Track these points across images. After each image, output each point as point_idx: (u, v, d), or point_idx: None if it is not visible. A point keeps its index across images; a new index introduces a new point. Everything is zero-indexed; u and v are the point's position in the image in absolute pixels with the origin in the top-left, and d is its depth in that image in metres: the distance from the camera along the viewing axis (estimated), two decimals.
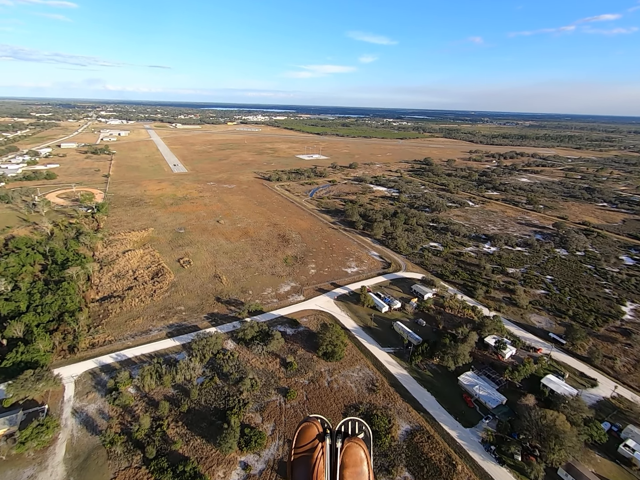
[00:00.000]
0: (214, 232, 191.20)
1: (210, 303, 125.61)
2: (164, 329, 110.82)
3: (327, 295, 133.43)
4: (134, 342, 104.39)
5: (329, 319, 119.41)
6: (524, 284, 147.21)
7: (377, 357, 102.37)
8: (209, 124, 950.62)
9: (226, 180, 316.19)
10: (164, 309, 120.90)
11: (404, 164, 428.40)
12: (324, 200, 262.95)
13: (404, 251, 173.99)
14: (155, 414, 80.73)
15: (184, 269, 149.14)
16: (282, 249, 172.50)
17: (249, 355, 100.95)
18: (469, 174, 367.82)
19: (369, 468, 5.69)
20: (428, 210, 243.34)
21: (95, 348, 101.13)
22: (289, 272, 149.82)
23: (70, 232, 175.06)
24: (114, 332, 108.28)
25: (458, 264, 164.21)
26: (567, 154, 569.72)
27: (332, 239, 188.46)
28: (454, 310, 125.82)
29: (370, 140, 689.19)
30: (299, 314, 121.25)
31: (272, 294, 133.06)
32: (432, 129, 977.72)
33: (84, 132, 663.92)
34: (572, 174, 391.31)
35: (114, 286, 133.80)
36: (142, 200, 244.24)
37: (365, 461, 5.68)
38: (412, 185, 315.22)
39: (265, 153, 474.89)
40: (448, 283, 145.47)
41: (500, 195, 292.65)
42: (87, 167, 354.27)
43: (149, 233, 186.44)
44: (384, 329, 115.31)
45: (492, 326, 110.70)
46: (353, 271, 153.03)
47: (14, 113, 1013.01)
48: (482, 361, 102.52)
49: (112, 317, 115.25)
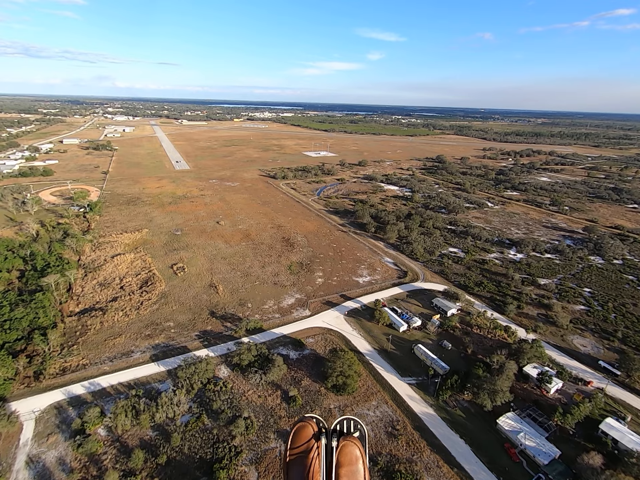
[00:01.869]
0: (213, 234, 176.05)
1: (204, 318, 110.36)
2: (148, 350, 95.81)
3: (336, 310, 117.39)
4: (112, 366, 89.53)
5: (338, 339, 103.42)
6: (560, 297, 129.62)
7: (397, 389, 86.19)
8: (215, 121, 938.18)
9: (229, 177, 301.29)
10: (150, 325, 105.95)
11: (415, 162, 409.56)
12: (332, 199, 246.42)
13: (421, 258, 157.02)
14: (126, 467, 65.61)
15: (176, 276, 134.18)
16: (287, 254, 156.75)
17: (244, 385, 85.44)
18: (485, 173, 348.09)
19: (365, 466, 5.63)
20: (444, 212, 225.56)
21: (65, 374, 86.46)
22: (294, 281, 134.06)
23: (56, 234, 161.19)
24: (90, 354, 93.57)
25: (482, 273, 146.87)
26: (586, 152, 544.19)
27: (341, 243, 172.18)
28: (483, 330, 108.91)
29: (379, 137, 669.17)
30: (304, 333, 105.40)
31: (274, 307, 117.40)
32: (442, 126, 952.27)
33: (89, 128, 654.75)
34: (595, 173, 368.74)
35: (97, 296, 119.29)
36: (139, 198, 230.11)
37: (361, 459, 5.62)
38: (425, 184, 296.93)
39: (271, 150, 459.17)
40: (473, 296, 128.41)
41: (520, 196, 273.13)
42: (87, 163, 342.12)
43: (143, 235, 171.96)
44: (404, 353, 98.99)
45: (531, 353, 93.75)
46: (365, 281, 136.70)
47: (21, 109, 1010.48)
48: (523, 398, 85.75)
49: (90, 335, 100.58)
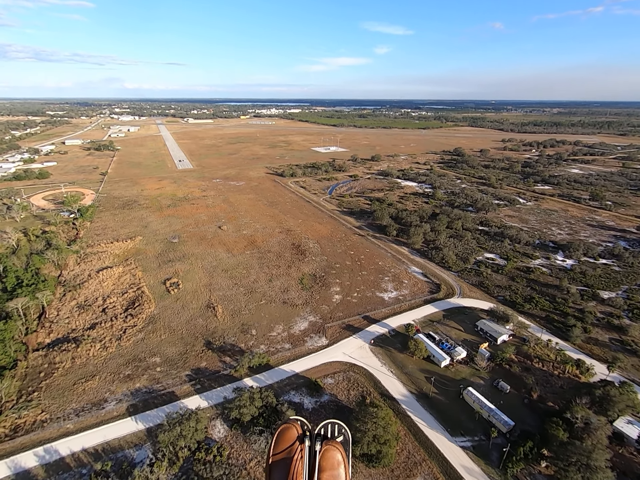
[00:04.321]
0: (214, 241, 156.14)
1: (197, 351, 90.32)
2: (126, 398, 76.10)
3: (359, 337, 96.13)
4: (78, 424, 70.01)
5: (365, 379, 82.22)
6: (632, 316, 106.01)
7: (448, 457, 64.67)
8: (222, 118, 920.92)
9: (234, 176, 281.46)
10: (132, 362, 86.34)
11: (431, 155, 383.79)
12: (346, 198, 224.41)
13: (454, 266, 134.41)
14: None
15: (169, 294, 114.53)
16: (297, 264, 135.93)
17: (246, 452, 65.00)
18: (509, 166, 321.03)
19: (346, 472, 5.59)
20: (472, 210, 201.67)
21: (16, 437, 67.24)
22: (306, 298, 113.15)
23: (39, 244, 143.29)
24: (53, 404, 74.30)
25: (530, 284, 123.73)
26: (613, 140, 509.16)
27: (360, 249, 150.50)
28: (546, 364, 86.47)
29: (391, 130, 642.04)
30: (322, 370, 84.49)
31: (283, 335, 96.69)
32: (455, 118, 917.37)
33: (94, 128, 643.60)
34: (630, 164, 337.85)
35: (73, 322, 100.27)
36: (135, 201, 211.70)
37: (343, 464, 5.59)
38: (446, 180, 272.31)
39: (279, 146, 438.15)
40: (524, 316, 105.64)
41: (553, 190, 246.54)
42: (86, 164, 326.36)
43: (136, 243, 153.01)
44: (450, 399, 77.31)
45: (623, 401, 71.21)
46: (391, 297, 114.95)
47: (30, 112, 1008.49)
48: (622, 469, 63.37)
49: (56, 377, 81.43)
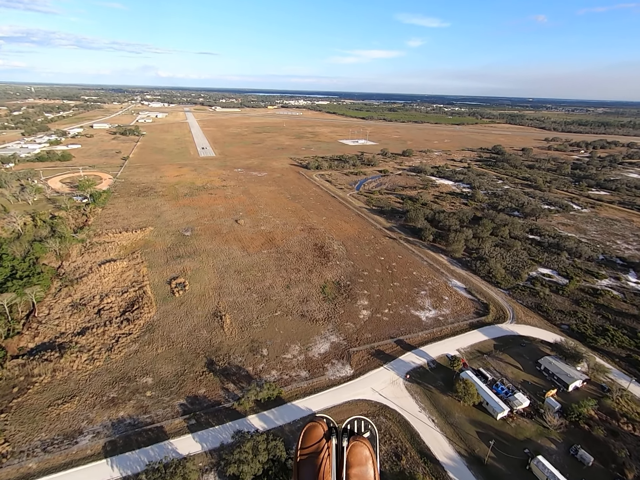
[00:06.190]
0: (229, 237, 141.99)
1: (197, 372, 75.82)
2: (105, 431, 62.39)
3: (392, 368, 78.84)
4: (42, 463, 56.78)
5: (399, 428, 65.01)
6: None
7: None
8: (249, 108, 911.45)
9: (257, 166, 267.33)
10: (119, 381, 72.81)
11: (468, 153, 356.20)
12: (375, 195, 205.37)
13: (503, 283, 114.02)
14: None
15: (173, 297, 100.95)
16: (319, 268, 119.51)
17: None
18: (557, 167, 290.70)
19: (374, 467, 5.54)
20: (519, 215, 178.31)
21: None
22: (328, 312, 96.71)
23: (44, 231, 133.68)
24: (20, 432, 61.56)
25: (599, 311, 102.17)
26: None
27: (391, 254, 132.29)
28: (637, 426, 66.40)
29: (422, 125, 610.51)
30: (345, 411, 67.88)
31: (299, 358, 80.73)
32: (491, 114, 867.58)
33: (124, 114, 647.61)
34: None
35: (63, 325, 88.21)
36: (152, 188, 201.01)
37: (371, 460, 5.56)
38: (486, 179, 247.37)
39: (305, 137, 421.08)
40: (599, 354, 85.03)
41: (612, 196, 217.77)
42: (110, 148, 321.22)
43: (145, 234, 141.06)
44: (512, 468, 58.98)
45: None
46: (429, 317, 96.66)
47: (66, 96, 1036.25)
48: None
49: (31, 394, 68.89)
